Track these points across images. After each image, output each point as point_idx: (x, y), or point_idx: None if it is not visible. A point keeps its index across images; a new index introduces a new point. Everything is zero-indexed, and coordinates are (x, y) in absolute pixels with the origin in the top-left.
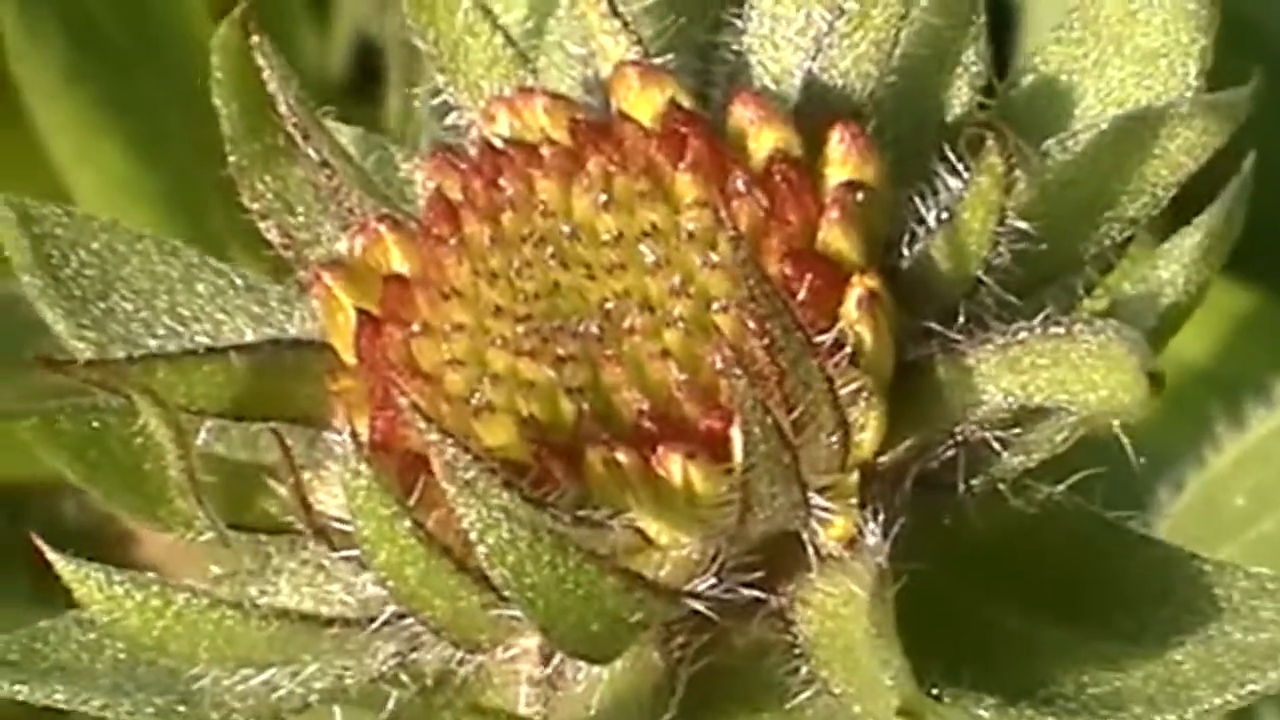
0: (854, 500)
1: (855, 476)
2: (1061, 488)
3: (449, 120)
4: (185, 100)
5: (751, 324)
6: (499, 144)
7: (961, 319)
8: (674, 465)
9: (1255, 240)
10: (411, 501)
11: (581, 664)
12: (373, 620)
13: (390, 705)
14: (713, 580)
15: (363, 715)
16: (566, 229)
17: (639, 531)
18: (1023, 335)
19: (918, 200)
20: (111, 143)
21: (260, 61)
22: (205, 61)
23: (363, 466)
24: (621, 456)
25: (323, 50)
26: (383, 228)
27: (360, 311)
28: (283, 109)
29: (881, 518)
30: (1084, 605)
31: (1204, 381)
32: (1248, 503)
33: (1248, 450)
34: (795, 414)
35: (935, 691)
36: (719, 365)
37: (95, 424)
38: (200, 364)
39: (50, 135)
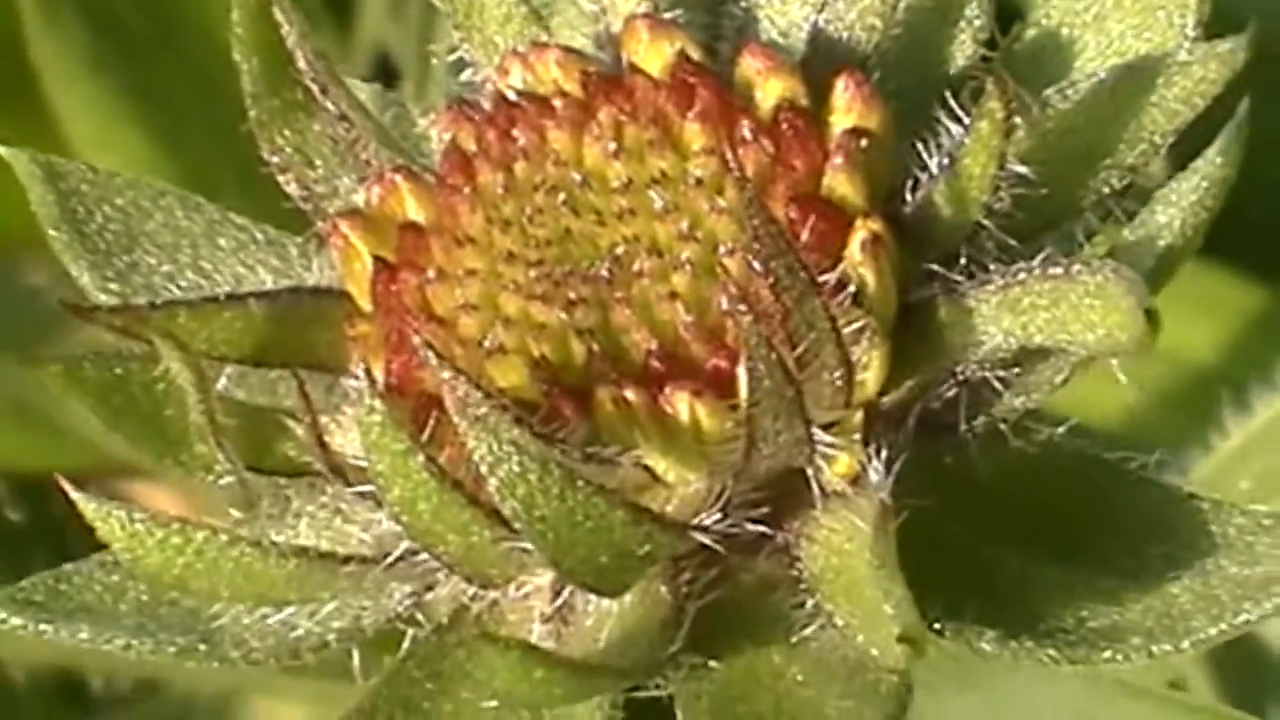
0: (858, 437)
1: (859, 414)
2: (1061, 429)
3: (464, 76)
4: (204, 86)
5: (757, 264)
6: (513, 96)
7: (963, 262)
8: (681, 403)
9: (1260, 237)
10: (425, 440)
11: (591, 598)
12: (387, 556)
13: (406, 644)
14: (719, 516)
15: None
16: (578, 177)
17: (647, 468)
18: (1022, 276)
19: (921, 147)
20: (131, 128)
21: (279, 18)
22: (223, 48)
23: (377, 404)
24: (630, 395)
25: (342, 55)
26: (398, 178)
27: (377, 259)
28: (301, 64)
29: (885, 455)
30: (1083, 542)
31: (1211, 377)
32: (1254, 486)
33: (1253, 435)
34: (799, 352)
35: (937, 625)
36: (725, 305)
37: (118, 370)
38: (221, 311)
39: (70, 121)
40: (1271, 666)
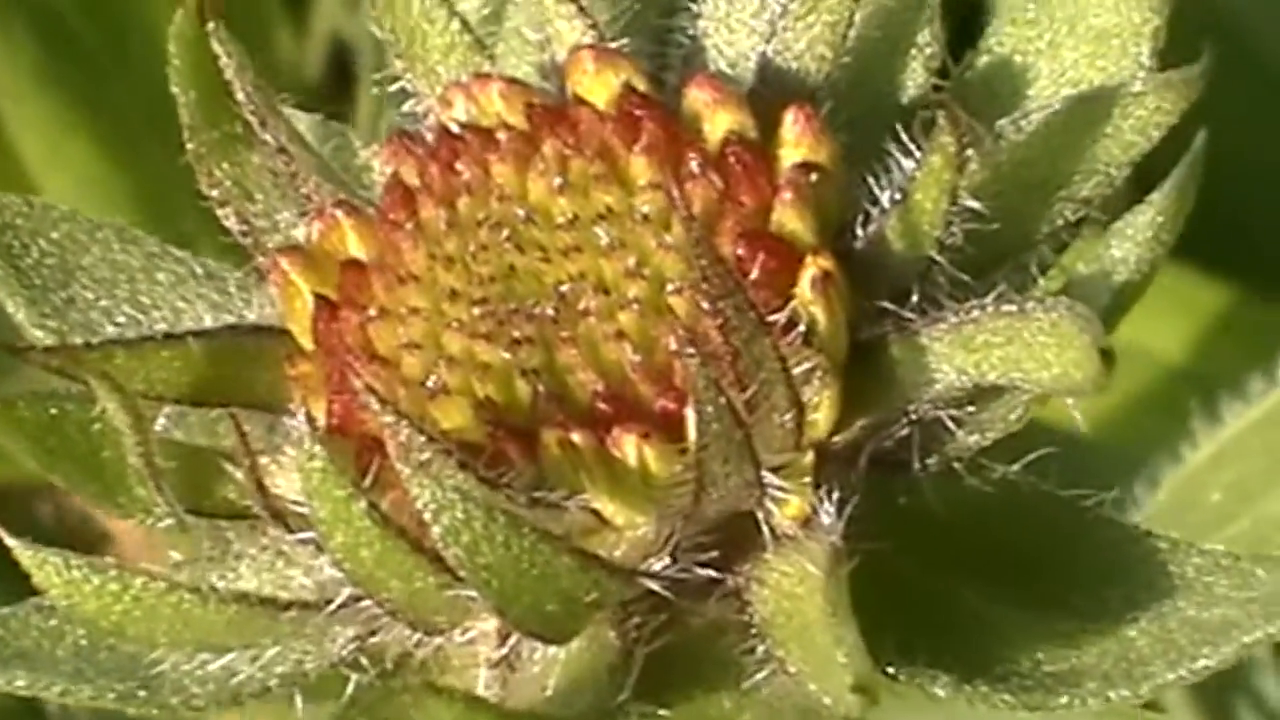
0: (808, 479)
1: (810, 456)
2: (1016, 467)
3: (407, 107)
4: (156, 101)
5: (705, 304)
6: (455, 129)
7: (915, 298)
8: (629, 446)
9: (1231, 237)
10: (367, 484)
11: (538, 645)
12: (330, 602)
13: (350, 690)
14: (668, 560)
15: (322, 712)
16: (522, 212)
17: (594, 512)
18: (976, 314)
19: (872, 181)
20: (82, 144)
21: (217, 49)
22: None
23: (317, 449)
24: (577, 437)
25: (299, 51)
26: (339, 213)
27: (318, 297)
28: (240, 96)
29: (836, 497)
30: (1040, 583)
31: (1181, 379)
32: (1224, 499)
33: (1224, 446)
34: (749, 393)
35: (891, 670)
36: (673, 346)
37: (54, 411)
38: (158, 350)
39: (20, 137)
40: (1240, 664)
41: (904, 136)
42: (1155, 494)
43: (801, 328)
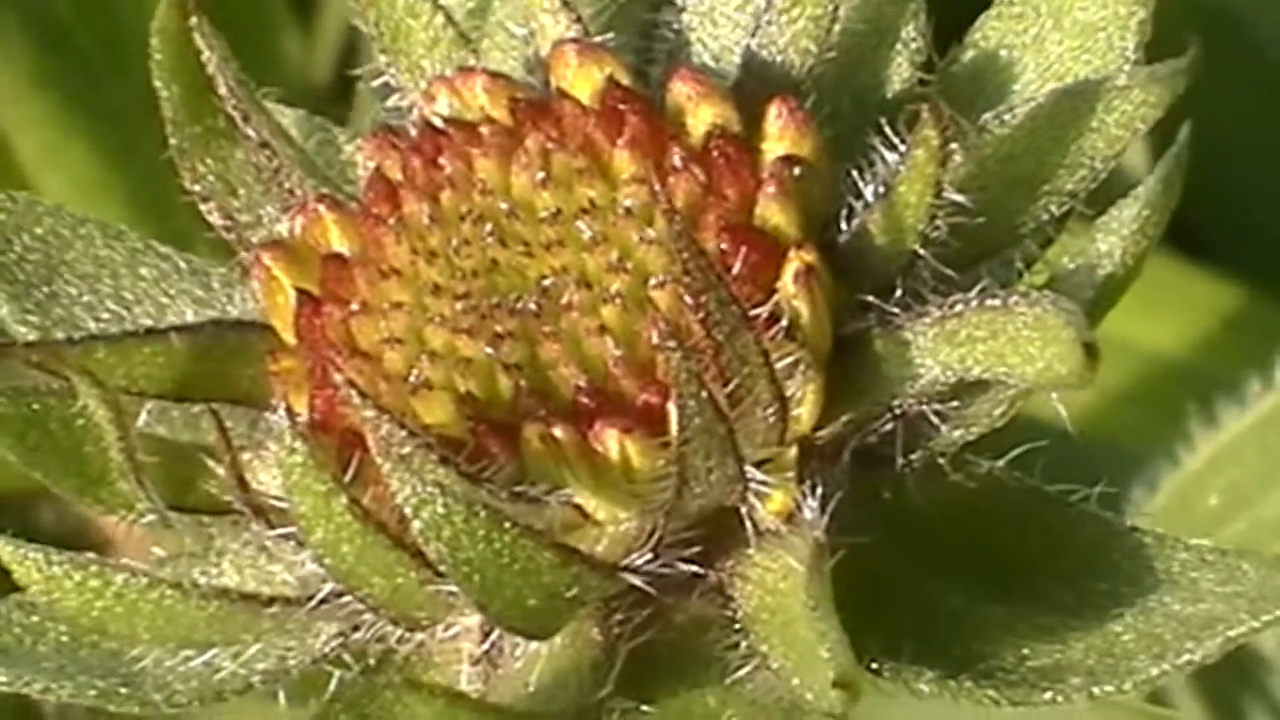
0: (791, 474)
1: (793, 451)
2: (1001, 463)
3: (391, 102)
4: (152, 101)
5: (687, 299)
6: (439, 123)
7: (899, 293)
8: (611, 441)
9: (1232, 233)
10: (348, 479)
11: (520, 641)
12: (312, 598)
13: (333, 686)
14: (651, 556)
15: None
16: (505, 207)
17: (577, 507)
18: (959, 308)
19: (856, 175)
20: (79, 145)
21: (199, 43)
22: None
23: (298, 444)
24: (559, 433)
25: (306, 52)
26: (322, 208)
27: (300, 291)
28: (222, 91)
29: (820, 492)
30: (1024, 579)
31: (1179, 376)
32: (1221, 502)
33: (1221, 450)
34: (731, 388)
35: (875, 665)
36: (655, 340)
37: (35, 406)
38: (140, 345)
39: (16, 137)
40: (1255, 666)
41: (888, 130)
42: (1153, 497)
43: (784, 322)
